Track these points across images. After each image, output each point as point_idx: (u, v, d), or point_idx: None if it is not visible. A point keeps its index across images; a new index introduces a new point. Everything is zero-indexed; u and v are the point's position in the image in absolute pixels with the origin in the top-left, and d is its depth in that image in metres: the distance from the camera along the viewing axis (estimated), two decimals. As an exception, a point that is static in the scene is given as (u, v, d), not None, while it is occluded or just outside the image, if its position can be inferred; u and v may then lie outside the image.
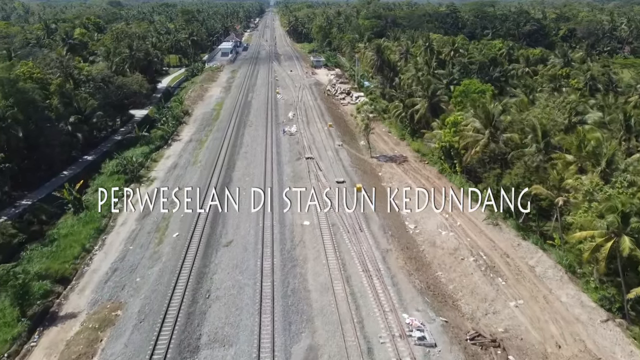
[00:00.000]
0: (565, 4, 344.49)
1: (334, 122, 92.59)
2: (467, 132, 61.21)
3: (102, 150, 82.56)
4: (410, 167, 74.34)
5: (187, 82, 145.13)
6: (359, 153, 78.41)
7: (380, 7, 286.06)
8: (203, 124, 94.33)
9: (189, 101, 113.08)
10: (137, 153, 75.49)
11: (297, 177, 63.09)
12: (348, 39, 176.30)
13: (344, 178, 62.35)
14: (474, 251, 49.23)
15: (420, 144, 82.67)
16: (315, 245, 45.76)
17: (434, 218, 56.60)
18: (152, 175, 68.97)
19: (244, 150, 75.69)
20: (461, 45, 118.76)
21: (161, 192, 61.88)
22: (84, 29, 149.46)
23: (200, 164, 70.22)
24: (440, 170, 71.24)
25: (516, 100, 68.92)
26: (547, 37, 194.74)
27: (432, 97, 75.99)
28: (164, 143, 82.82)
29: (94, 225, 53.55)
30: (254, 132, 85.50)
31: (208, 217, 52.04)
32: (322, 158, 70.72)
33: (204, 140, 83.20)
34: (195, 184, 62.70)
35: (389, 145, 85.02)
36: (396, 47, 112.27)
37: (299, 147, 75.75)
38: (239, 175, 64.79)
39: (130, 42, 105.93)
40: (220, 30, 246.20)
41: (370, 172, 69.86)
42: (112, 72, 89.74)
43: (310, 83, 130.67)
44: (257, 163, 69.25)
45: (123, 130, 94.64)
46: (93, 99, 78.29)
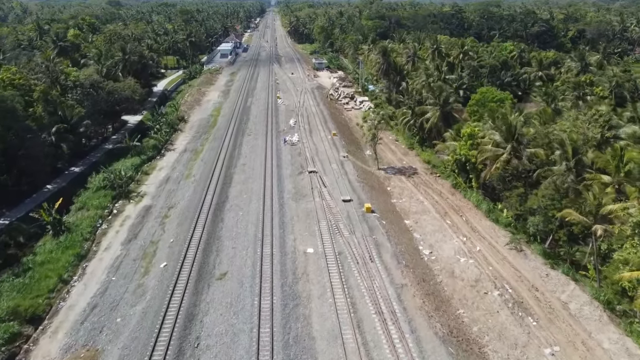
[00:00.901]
0: (571, 4, 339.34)
1: (337, 129, 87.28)
2: (486, 146, 55.86)
3: (91, 160, 77.27)
4: (420, 180, 69.01)
5: (184, 85, 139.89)
6: (365, 165, 73.07)
7: (383, 7, 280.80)
8: (199, 132, 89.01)
9: (185, 106, 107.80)
10: (127, 165, 70.21)
11: (300, 195, 57.73)
12: (351, 40, 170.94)
13: (351, 196, 56.98)
14: (498, 283, 43.90)
15: (431, 154, 77.37)
16: (320, 279, 40.41)
17: (451, 242, 51.29)
18: (143, 190, 63.64)
19: (241, 162, 70.35)
20: (470, 47, 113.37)
21: (151, 211, 56.73)
22: (78, 30, 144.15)
23: (194, 178, 64.89)
24: (454, 184, 65.92)
25: (537, 109, 63.50)
26: (555, 39, 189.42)
27: (444, 105, 70.65)
28: (156, 153, 77.49)
29: (75, 250, 48.21)
30: (253, 141, 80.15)
31: (200, 242, 46.74)
32: (326, 172, 65.37)
33: (199, 151, 77.86)
34: (188, 201, 57.41)
35: (397, 156, 79.69)
36: (403, 49, 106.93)
37: (301, 159, 70.39)
38: (236, 192, 59.45)
39: (124, 44, 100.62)
40: (219, 30, 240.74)
41: (379, 187, 64.50)
42: (102, 76, 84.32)
43: (312, 87, 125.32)
44: (256, 177, 63.91)
45: (115, 138, 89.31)
46: (81, 106, 72.97)
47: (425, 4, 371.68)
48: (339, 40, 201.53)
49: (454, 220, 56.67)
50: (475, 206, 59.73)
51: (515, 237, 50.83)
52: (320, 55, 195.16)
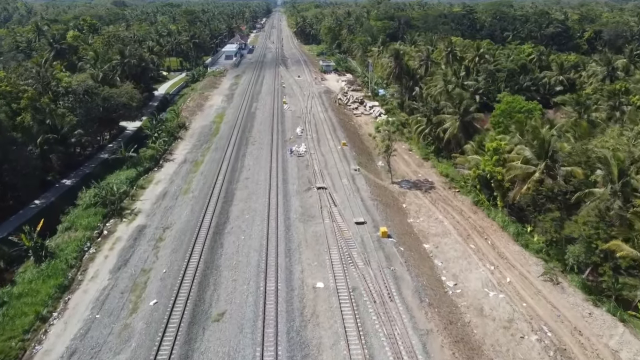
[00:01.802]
0: (583, 4, 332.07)
1: (347, 138, 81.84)
2: (515, 162, 50.30)
3: (85, 172, 72.45)
4: (438, 196, 63.54)
5: (187, 88, 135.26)
6: (377, 178, 67.65)
7: (391, 7, 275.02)
8: (200, 140, 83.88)
9: (187, 112, 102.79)
10: (121, 178, 65.21)
11: (308, 215, 52.36)
12: (359, 42, 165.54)
13: (364, 217, 51.54)
14: (535, 324, 38.38)
15: (448, 166, 71.89)
16: (332, 323, 35.04)
17: (477, 271, 45.82)
18: (137, 206, 58.54)
19: (244, 175, 65.11)
20: (487, 50, 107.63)
21: (144, 232, 51.60)
22: (78, 32, 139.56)
23: (192, 194, 59.72)
24: (475, 202, 60.41)
25: (567, 120, 57.86)
26: (571, 40, 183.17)
27: (464, 114, 65.13)
28: (154, 164, 72.38)
29: (57, 280, 43.14)
30: (257, 151, 74.91)
31: (196, 273, 41.51)
32: (337, 188, 60.00)
33: (199, 162, 72.70)
34: (185, 222, 52.23)
35: (411, 167, 74.23)
36: (416, 52, 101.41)
37: (309, 172, 65.06)
38: (238, 211, 54.19)
39: (122, 47, 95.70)
40: (224, 31, 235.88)
41: (393, 205, 59.06)
42: (98, 82, 79.32)
43: (320, 91, 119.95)
44: (260, 194, 58.64)
45: (111, 146, 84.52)
46: (72, 114, 67.99)
47: (434, 4, 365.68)
48: (347, 41, 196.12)
49: (479, 244, 51.21)
50: (500, 228, 54.22)
51: (550, 267, 45.33)
52: (328, 57, 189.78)
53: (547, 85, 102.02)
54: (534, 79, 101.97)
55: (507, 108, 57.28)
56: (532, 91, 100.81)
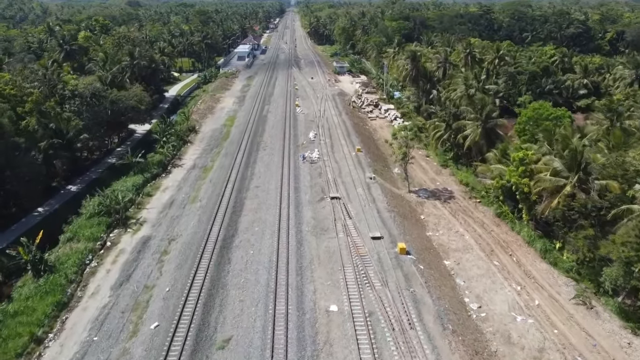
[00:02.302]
0: (602, 4, 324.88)
1: (362, 143, 78.78)
2: (543, 174, 46.91)
3: (91, 177, 70.32)
4: (458, 206, 60.27)
5: (198, 90, 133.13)
6: (394, 186, 64.52)
7: (406, 7, 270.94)
8: (210, 145, 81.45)
9: (197, 114, 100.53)
10: (127, 185, 62.94)
11: (321, 228, 49.45)
12: (374, 42, 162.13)
13: (381, 231, 48.45)
14: (569, 354, 35.07)
15: (468, 174, 68.52)
16: (347, 354, 32.08)
17: (502, 291, 42.57)
18: (143, 215, 56.16)
19: (254, 183, 62.41)
20: (507, 52, 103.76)
21: (149, 244, 49.14)
22: (89, 32, 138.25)
23: (200, 203, 57.17)
24: (498, 213, 57.03)
25: (598, 127, 54.22)
26: (592, 41, 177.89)
27: (486, 120, 61.72)
28: (162, 170, 70.03)
29: (56, 297, 40.77)
30: (268, 157, 72.20)
31: (201, 293, 38.81)
32: (351, 197, 57.00)
33: (209, 168, 70.20)
34: (192, 234, 49.64)
35: (429, 175, 70.97)
36: (433, 54, 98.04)
37: (322, 180, 62.14)
38: (247, 223, 51.48)
39: (132, 48, 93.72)
40: (237, 31, 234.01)
41: (411, 216, 55.90)
42: (106, 84, 77.27)
43: (334, 93, 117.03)
44: (271, 204, 55.87)
45: (120, 150, 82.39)
46: (79, 118, 65.87)
47: (449, 4, 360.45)
48: (361, 42, 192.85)
49: (503, 261, 47.90)
50: (526, 243, 50.84)
51: (582, 289, 41.91)
52: (341, 58, 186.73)
53: (571, 88, 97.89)
54: (557, 82, 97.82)
55: (534, 115, 53.84)
56: (554, 95, 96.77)
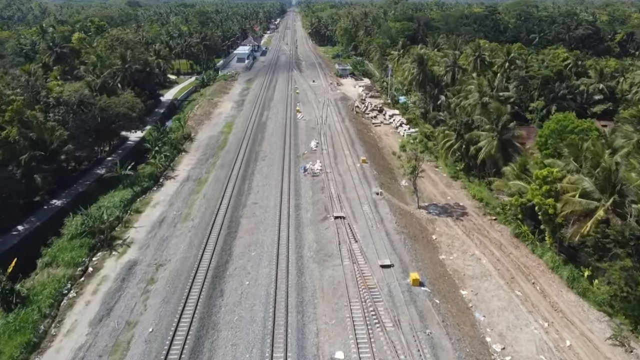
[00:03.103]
0: (608, 4, 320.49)
1: (367, 153, 74.09)
2: (570, 195, 42.25)
3: (78, 190, 65.67)
4: (472, 224, 55.66)
5: (196, 93, 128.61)
6: (402, 202, 59.88)
7: (409, 7, 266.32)
8: (206, 154, 76.88)
9: (194, 121, 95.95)
10: (115, 200, 58.38)
11: (324, 254, 44.81)
12: (377, 44, 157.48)
13: (390, 257, 43.76)
14: (610, 411, 30.42)
15: (481, 187, 63.95)
16: (356, 417, 27.44)
17: (528, 329, 37.92)
18: (130, 235, 51.62)
19: (252, 199, 57.82)
20: (517, 55, 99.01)
21: (135, 270, 44.56)
22: (83, 34, 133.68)
23: (193, 223, 52.56)
24: (517, 234, 52.38)
25: (627, 142, 49.49)
26: (601, 42, 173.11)
27: (503, 131, 57.06)
28: (153, 183, 65.41)
29: (25, 336, 36.19)
30: (266, 169, 67.60)
31: (189, 335, 34.17)
32: (357, 217, 52.31)
33: (203, 180, 65.64)
34: (182, 259, 45.05)
35: (439, 188, 66.35)
36: (441, 57, 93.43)
37: (325, 196, 57.48)
38: (243, 246, 46.88)
39: (123, 52, 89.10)
40: (237, 32, 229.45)
41: (422, 237, 51.25)
42: (95, 90, 72.73)
43: (336, 97, 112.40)
44: (269, 223, 51.25)
45: (110, 159, 77.76)
46: (63, 128, 61.32)
47: (452, 4, 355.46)
48: (364, 43, 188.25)
49: (526, 290, 43.27)
50: (550, 269, 46.19)
51: (618, 327, 37.24)
52: (344, 60, 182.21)
53: (585, 93, 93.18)
54: (571, 87, 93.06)
55: (557, 128, 49.24)
56: (568, 100, 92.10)
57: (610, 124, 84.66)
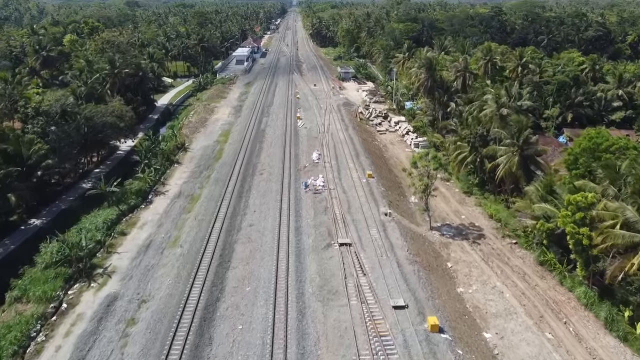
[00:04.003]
0: (614, 4, 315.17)
1: (373, 165, 68.91)
2: (608, 224, 37.05)
3: (60, 208, 60.66)
4: (490, 249, 50.50)
5: (192, 97, 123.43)
6: (413, 223, 54.66)
7: (411, 7, 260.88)
8: (200, 166, 71.68)
9: (188, 129, 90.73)
10: (97, 221, 53.25)
11: (328, 291, 39.52)
12: (381, 46, 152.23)
13: (404, 296, 38.43)
14: None
15: (497, 205, 58.86)
16: None
17: (564, 383, 32.70)
18: (112, 263, 46.48)
19: (248, 221, 52.58)
20: (531, 59, 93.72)
21: (114, 308, 39.37)
22: (76, 35, 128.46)
23: (181, 249, 47.36)
24: (541, 261, 47.19)
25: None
26: (612, 44, 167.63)
27: (524, 147, 51.79)
28: (141, 200, 60.22)
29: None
30: (264, 185, 62.37)
31: (170, 396, 29.02)
32: (364, 243, 47.07)
33: (196, 197, 60.47)
34: (166, 297, 39.86)
35: (451, 205, 61.18)
36: (451, 62, 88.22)
37: (328, 218, 52.24)
38: (236, 280, 41.67)
39: (112, 56, 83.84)
40: (236, 33, 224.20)
41: (437, 266, 46.00)
42: (81, 98, 67.54)
43: (339, 103, 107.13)
44: (266, 250, 46.04)
45: (98, 171, 72.72)
46: (43, 140, 56.19)
47: (454, 4, 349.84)
48: (366, 45, 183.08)
49: (557, 332, 38.06)
50: (582, 305, 41.00)
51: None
52: (346, 62, 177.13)
53: (603, 100, 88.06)
54: (587, 93, 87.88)
55: (590, 146, 44.01)
56: (584, 107, 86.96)
57: (631, 132, 79.57)
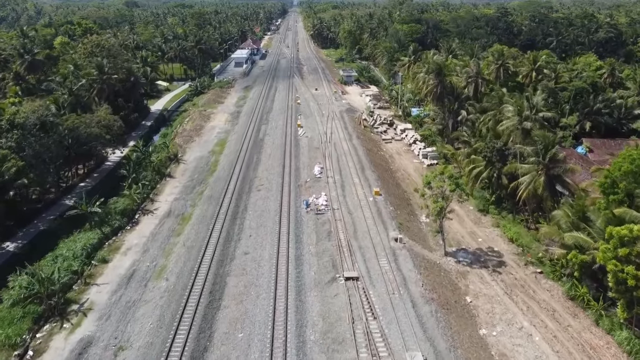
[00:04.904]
0: (619, 4, 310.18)
1: (380, 180, 63.62)
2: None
3: (39, 228, 55.36)
4: (513, 279, 45.31)
5: (188, 102, 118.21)
6: (425, 248, 49.33)
7: (414, 7, 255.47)
8: (193, 180, 66.44)
9: (182, 137, 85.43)
10: (76, 247, 47.99)
11: (332, 339, 34.15)
12: (384, 48, 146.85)
13: (422, 346, 33.10)
14: None
15: (517, 226, 53.79)
16: None
17: None
18: (89, 297, 41.31)
19: (242, 247, 47.24)
20: (545, 63, 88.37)
21: (87, 357, 34.12)
22: (67, 37, 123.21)
23: (167, 283, 42.07)
24: (572, 296, 41.93)
25: None
26: (622, 46, 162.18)
27: (551, 165, 46.46)
28: (127, 221, 54.93)
29: None
30: (262, 203, 57.03)
31: None
32: (373, 277, 41.74)
33: (187, 217, 55.18)
34: (146, 344, 34.59)
35: (466, 225, 55.92)
36: (462, 67, 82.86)
37: (332, 245, 46.92)
38: (227, 324, 36.32)
39: (100, 61, 78.43)
40: (236, 34, 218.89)
41: (455, 303, 40.69)
42: (63, 107, 62.35)
43: (341, 109, 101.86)
44: (263, 285, 40.73)
45: (84, 185, 67.65)
46: (17, 156, 50.92)
47: (457, 4, 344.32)
48: (369, 46, 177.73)
49: (600, 388, 32.77)
50: (624, 353, 35.72)
51: None
52: (347, 63, 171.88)
53: (623, 107, 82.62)
54: (607, 100, 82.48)
55: (632, 169, 38.75)
56: (603, 115, 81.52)
57: (654, 143, 74.29)
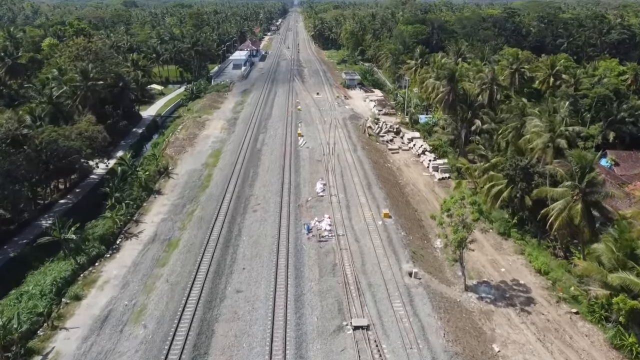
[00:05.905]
0: (626, 4, 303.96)
1: (389, 200, 57.64)
2: None
3: (8, 254, 49.52)
4: (544, 321, 39.46)
5: (183, 107, 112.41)
6: (443, 282, 43.40)
7: (417, 8, 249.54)
8: (183, 198, 60.52)
9: (174, 148, 79.45)
10: (46, 281, 42.19)
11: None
12: (389, 50, 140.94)
13: (449, 423, 27.22)
14: None
15: (542, 253, 47.91)
16: None
17: None
18: (55, 347, 35.46)
19: (234, 284, 41.25)
20: (564, 69, 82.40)
21: None
22: (56, 39, 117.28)
23: (145, 331, 36.08)
24: (618, 346, 36.01)
25: None
26: (635, 48, 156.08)
27: (588, 190, 40.49)
28: (105, 249, 48.89)
29: None
30: (258, 227, 51.01)
31: None
32: (386, 324, 35.71)
33: (174, 243, 49.25)
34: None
35: (487, 252, 50.00)
36: (476, 72, 76.97)
37: (337, 281, 40.93)
38: (214, 388, 30.40)
39: (85, 66, 72.40)
40: (234, 35, 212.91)
41: (482, 354, 34.72)
42: (40, 118, 56.53)
43: (344, 116, 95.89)
44: (257, 334, 34.73)
45: (64, 202, 61.90)
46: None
47: (460, 4, 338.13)
48: (372, 48, 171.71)
49: None
50: None
51: None
52: (350, 66, 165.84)
53: (648, 116, 76.65)
54: (631, 107, 76.50)
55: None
56: (627, 124, 75.53)
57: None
